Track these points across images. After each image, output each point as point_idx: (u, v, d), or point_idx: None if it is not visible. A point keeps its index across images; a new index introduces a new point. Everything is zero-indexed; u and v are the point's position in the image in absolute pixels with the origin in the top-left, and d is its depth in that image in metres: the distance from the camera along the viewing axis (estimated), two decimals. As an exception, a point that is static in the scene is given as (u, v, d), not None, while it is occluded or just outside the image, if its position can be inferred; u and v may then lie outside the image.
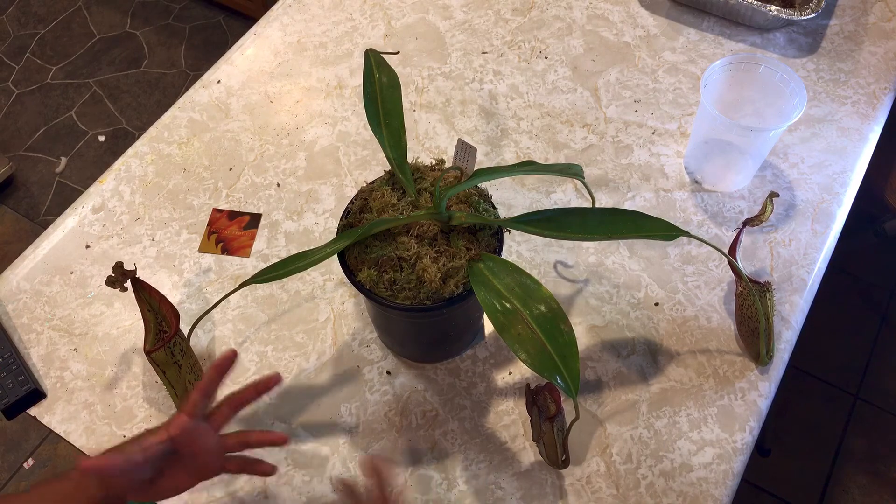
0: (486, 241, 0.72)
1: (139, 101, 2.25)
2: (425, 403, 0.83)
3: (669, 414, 0.81)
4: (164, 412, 0.83)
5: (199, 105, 1.08)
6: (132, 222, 0.98)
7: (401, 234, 0.71)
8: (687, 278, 0.90)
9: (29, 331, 0.90)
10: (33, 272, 0.94)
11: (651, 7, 1.15)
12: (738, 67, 0.91)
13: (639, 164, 1.00)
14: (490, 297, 0.64)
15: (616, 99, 1.06)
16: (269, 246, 0.95)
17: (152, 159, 1.03)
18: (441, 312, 0.70)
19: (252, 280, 0.71)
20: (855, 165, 0.98)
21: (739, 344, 0.85)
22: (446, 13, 1.17)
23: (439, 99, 1.07)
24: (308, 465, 0.80)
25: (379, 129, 0.77)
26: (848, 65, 1.07)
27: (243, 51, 1.14)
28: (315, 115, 1.06)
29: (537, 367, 0.60)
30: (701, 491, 0.77)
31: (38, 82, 2.30)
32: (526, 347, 0.61)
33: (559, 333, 0.61)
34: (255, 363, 0.86)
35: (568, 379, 0.60)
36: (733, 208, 0.95)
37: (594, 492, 0.77)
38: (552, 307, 0.63)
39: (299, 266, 0.70)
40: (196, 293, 0.91)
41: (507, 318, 0.63)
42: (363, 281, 0.70)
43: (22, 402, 0.84)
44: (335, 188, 0.99)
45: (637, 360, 0.85)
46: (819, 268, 0.90)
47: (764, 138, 0.88)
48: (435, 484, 0.78)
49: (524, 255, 0.93)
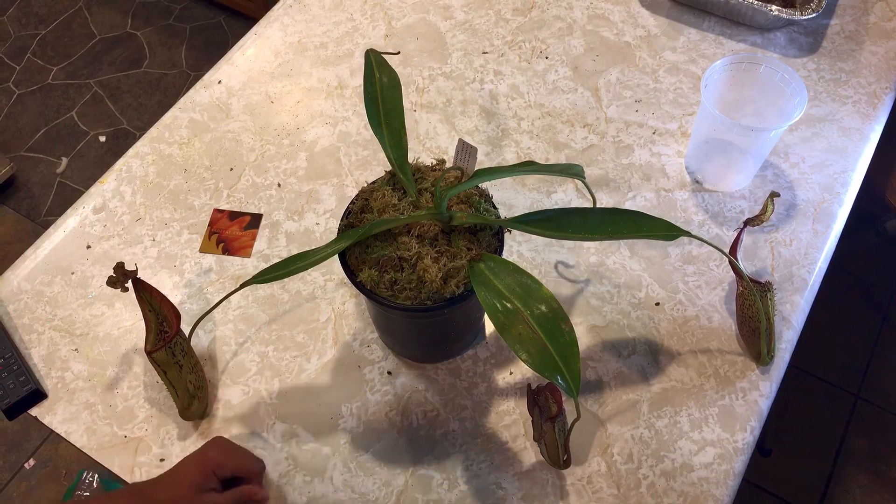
0: (486, 242, 0.72)
1: (140, 102, 2.25)
2: (426, 403, 0.83)
3: (670, 414, 0.81)
4: (165, 412, 0.83)
5: (200, 105, 1.08)
6: (133, 223, 0.98)
7: (402, 234, 0.71)
8: (688, 278, 0.90)
9: (30, 331, 0.90)
10: (34, 272, 0.94)
11: (651, 7, 1.15)
12: (738, 67, 0.91)
13: (639, 163, 1.00)
14: (491, 297, 0.64)
15: (617, 99, 1.06)
16: (269, 246, 0.95)
17: (153, 160, 1.03)
18: (442, 312, 0.70)
19: (253, 280, 0.71)
20: (856, 165, 0.98)
21: (740, 344, 0.85)
22: (447, 13, 1.17)
23: (440, 99, 1.07)
24: (309, 465, 0.80)
25: (380, 130, 0.77)
26: (849, 64, 1.07)
27: (244, 51, 1.14)
28: (316, 115, 1.07)
29: (538, 367, 0.60)
30: (702, 491, 0.77)
31: (39, 83, 2.31)
32: (527, 347, 0.61)
33: (560, 333, 0.61)
34: (255, 363, 0.86)
35: (569, 379, 0.60)
36: (734, 208, 0.95)
37: (595, 492, 0.77)
38: (553, 307, 0.63)
39: (300, 266, 0.70)
40: (197, 293, 0.91)
41: (507, 319, 0.63)
42: (364, 281, 0.70)
43: (23, 403, 0.84)
44: (336, 188, 0.99)
45: (638, 359, 0.85)
46: (820, 267, 0.90)
47: (765, 138, 0.88)
48: (436, 484, 0.78)
49: (525, 255, 0.93)
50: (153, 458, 0.81)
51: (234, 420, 0.83)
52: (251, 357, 0.87)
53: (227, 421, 0.83)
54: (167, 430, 0.82)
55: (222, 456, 0.72)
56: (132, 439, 0.82)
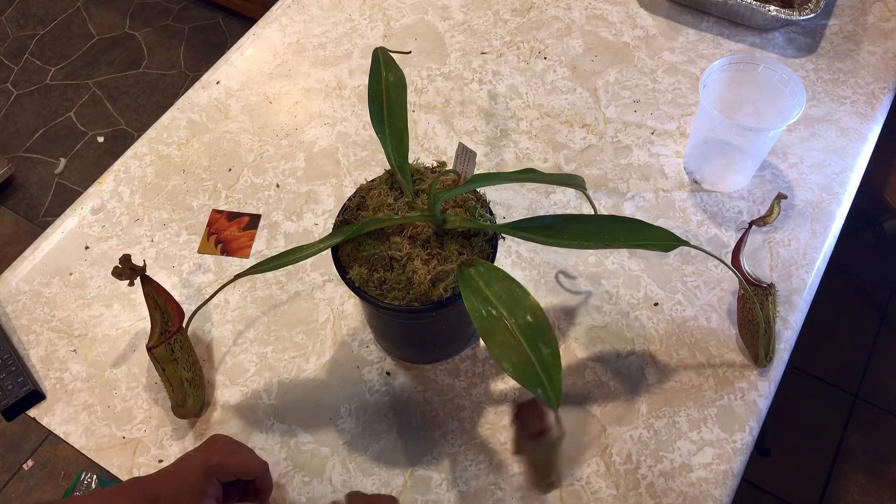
0: (479, 247, 0.71)
1: (138, 102, 2.25)
2: (425, 404, 0.83)
3: (669, 414, 0.81)
4: (164, 413, 0.83)
5: (199, 106, 1.08)
6: (131, 223, 0.98)
7: (395, 234, 0.71)
8: (686, 278, 0.90)
9: (28, 332, 0.90)
10: (32, 273, 0.94)
11: (650, 7, 1.15)
12: (737, 67, 0.91)
13: (638, 164, 1.00)
14: (478, 304, 0.63)
15: (615, 99, 1.06)
16: (268, 247, 0.95)
17: (151, 160, 1.03)
18: (429, 315, 0.70)
19: (248, 271, 0.71)
20: (854, 165, 0.98)
21: (739, 344, 0.85)
22: (445, 14, 1.17)
23: (438, 99, 1.07)
24: (308, 465, 0.80)
25: (382, 129, 0.76)
26: (847, 65, 1.07)
27: (242, 52, 1.14)
28: (314, 115, 1.06)
29: (520, 377, 0.59)
30: (701, 491, 0.77)
31: (38, 83, 2.30)
32: (509, 356, 0.60)
33: (543, 344, 0.60)
34: (254, 364, 0.86)
35: (550, 391, 0.59)
36: (733, 208, 0.95)
37: (594, 492, 0.77)
38: (538, 317, 0.62)
39: (293, 259, 0.70)
40: (195, 294, 0.91)
41: (492, 326, 0.62)
42: (353, 278, 0.70)
43: (21, 404, 0.84)
44: (335, 189, 0.99)
45: (636, 360, 0.85)
46: (819, 268, 0.90)
47: (763, 138, 0.88)
48: (434, 484, 0.78)
49: (524, 255, 0.93)
50: (151, 458, 0.81)
51: (233, 420, 0.83)
52: (250, 358, 0.87)
53: (226, 421, 0.83)
54: (166, 430, 0.82)
55: (226, 458, 0.69)
56: (131, 440, 0.82)
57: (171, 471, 0.69)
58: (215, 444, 0.71)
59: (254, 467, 0.71)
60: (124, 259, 0.79)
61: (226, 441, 0.72)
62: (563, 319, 0.88)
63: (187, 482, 0.67)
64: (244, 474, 0.70)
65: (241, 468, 0.70)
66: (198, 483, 0.67)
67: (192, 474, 0.68)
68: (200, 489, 0.67)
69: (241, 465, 0.70)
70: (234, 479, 0.70)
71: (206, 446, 0.70)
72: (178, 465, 0.70)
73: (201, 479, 0.67)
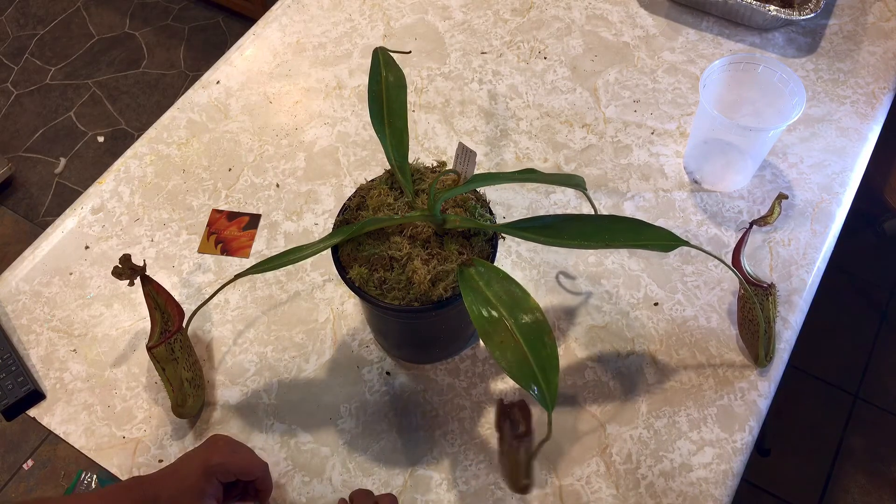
0: (479, 247, 0.71)
1: (138, 102, 2.25)
2: (425, 404, 0.83)
3: (669, 414, 0.81)
4: (164, 413, 0.83)
5: (199, 106, 1.08)
6: (131, 223, 0.98)
7: (395, 234, 0.71)
8: (686, 278, 0.90)
9: (28, 332, 0.90)
10: (32, 273, 0.94)
11: (650, 7, 1.15)
12: (737, 67, 0.91)
13: (638, 164, 1.00)
14: (477, 304, 0.63)
15: (615, 99, 1.06)
16: (268, 247, 0.95)
17: (151, 160, 1.03)
18: (429, 315, 0.70)
19: (248, 271, 0.71)
20: (854, 165, 0.98)
21: (739, 344, 0.85)
22: (445, 13, 1.17)
23: (438, 99, 1.07)
24: (307, 465, 0.80)
25: (382, 129, 0.76)
26: (847, 65, 1.07)
27: (242, 51, 1.14)
28: (314, 115, 1.06)
29: (517, 376, 0.59)
30: (701, 491, 0.77)
31: (38, 83, 2.30)
32: (507, 356, 0.60)
33: (542, 345, 0.60)
34: (254, 364, 0.86)
35: (545, 391, 0.59)
36: (733, 208, 0.95)
37: (594, 492, 0.77)
38: (537, 318, 0.62)
39: (293, 259, 0.70)
40: (195, 294, 0.91)
41: (491, 326, 0.62)
42: (353, 278, 0.70)
43: (21, 403, 0.84)
44: (335, 189, 0.99)
45: (636, 359, 0.85)
46: (819, 267, 0.90)
47: (763, 138, 0.88)
48: (435, 484, 0.78)
49: (524, 254, 0.93)
50: (151, 458, 0.81)
51: (233, 420, 0.83)
52: (250, 357, 0.87)
53: (226, 421, 0.83)
54: (166, 430, 0.82)
55: (226, 458, 0.69)
56: (130, 440, 0.82)
57: (172, 470, 0.69)
58: (215, 444, 0.71)
59: (254, 467, 0.71)
60: (124, 259, 0.79)
61: (226, 441, 0.72)
62: (563, 319, 0.88)
63: (187, 482, 0.67)
64: (244, 474, 0.70)
65: (241, 468, 0.70)
66: (198, 483, 0.67)
67: (192, 474, 0.68)
68: (200, 489, 0.67)
69: (241, 465, 0.70)
70: (235, 479, 0.70)
71: (206, 446, 0.70)
72: (178, 465, 0.70)
73: (201, 479, 0.67)
